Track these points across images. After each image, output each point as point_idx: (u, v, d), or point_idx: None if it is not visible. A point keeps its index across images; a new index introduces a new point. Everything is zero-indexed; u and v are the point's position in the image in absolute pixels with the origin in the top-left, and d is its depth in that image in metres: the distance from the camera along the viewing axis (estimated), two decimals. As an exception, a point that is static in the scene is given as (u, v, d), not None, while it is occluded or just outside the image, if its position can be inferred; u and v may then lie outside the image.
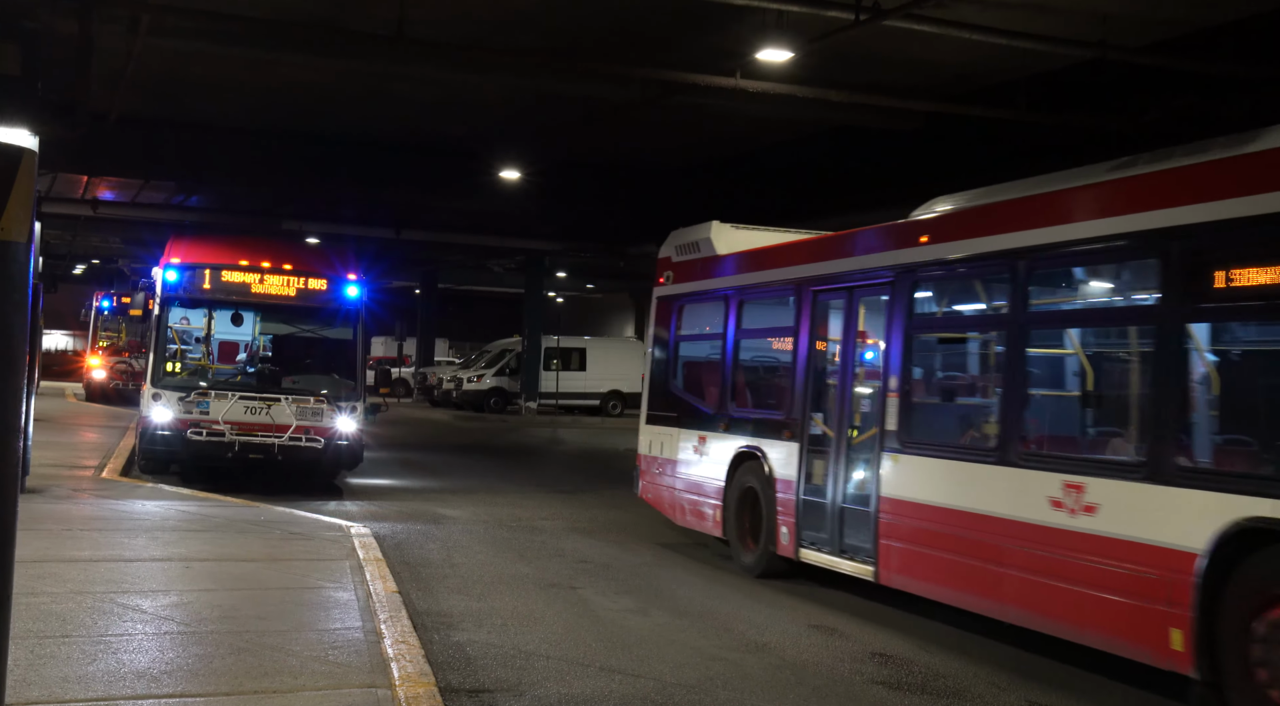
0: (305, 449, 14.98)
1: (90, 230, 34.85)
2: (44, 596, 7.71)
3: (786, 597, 9.97)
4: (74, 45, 13.02)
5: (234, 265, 15.61)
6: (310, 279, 15.78)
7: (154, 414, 14.70)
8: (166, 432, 14.72)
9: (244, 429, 14.78)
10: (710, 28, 14.20)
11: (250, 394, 14.99)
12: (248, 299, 15.68)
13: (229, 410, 14.76)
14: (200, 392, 14.83)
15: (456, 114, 20.03)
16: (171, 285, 15.35)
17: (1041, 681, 7.72)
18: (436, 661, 7.02)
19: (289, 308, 15.90)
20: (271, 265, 15.71)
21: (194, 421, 14.68)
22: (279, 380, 15.62)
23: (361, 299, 15.93)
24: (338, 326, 16.04)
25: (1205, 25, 13.70)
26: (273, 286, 15.62)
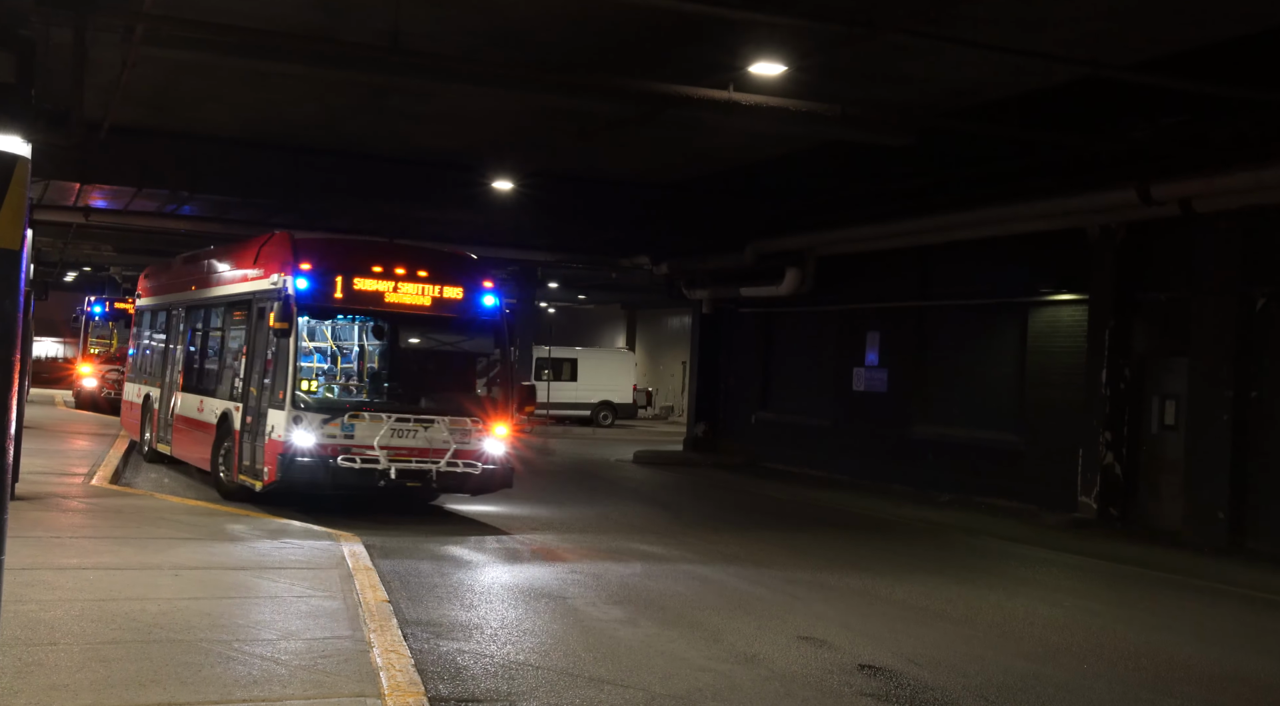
0: (462, 475, 13.95)
1: (82, 238, 34.77)
2: (32, 604, 7.70)
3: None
4: (68, 54, 13.03)
5: (367, 272, 14.27)
6: (447, 286, 14.56)
7: (295, 439, 13.33)
8: (307, 460, 13.37)
9: (398, 454, 13.63)
10: (704, 41, 14.24)
11: (405, 415, 13.75)
12: (384, 309, 14.32)
13: (383, 434, 13.56)
14: (353, 415, 13.61)
15: (451, 126, 20.04)
16: (304, 294, 13.84)
17: (1030, 694, 7.74)
18: (426, 671, 7.02)
19: (428, 318, 14.63)
20: (406, 272, 14.41)
21: (342, 447, 13.44)
22: (424, 399, 14.38)
23: (501, 307, 14.83)
24: (480, 338, 14.98)
25: (1196, 45, 13.77)
26: (408, 295, 14.34)
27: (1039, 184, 18.68)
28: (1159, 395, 17.79)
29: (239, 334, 16.09)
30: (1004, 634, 9.78)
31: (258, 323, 14.82)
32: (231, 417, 15.13)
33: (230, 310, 16.51)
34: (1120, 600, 11.97)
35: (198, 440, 16.58)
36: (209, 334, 17.72)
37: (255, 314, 14.96)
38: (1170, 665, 9.00)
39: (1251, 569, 14.56)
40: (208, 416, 16.23)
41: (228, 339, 16.64)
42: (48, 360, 51.57)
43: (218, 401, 15.94)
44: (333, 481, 13.57)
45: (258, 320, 14.87)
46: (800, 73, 14.06)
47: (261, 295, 14.90)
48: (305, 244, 14.56)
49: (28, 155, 4.38)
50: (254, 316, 14.98)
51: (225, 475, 15.17)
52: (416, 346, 15.26)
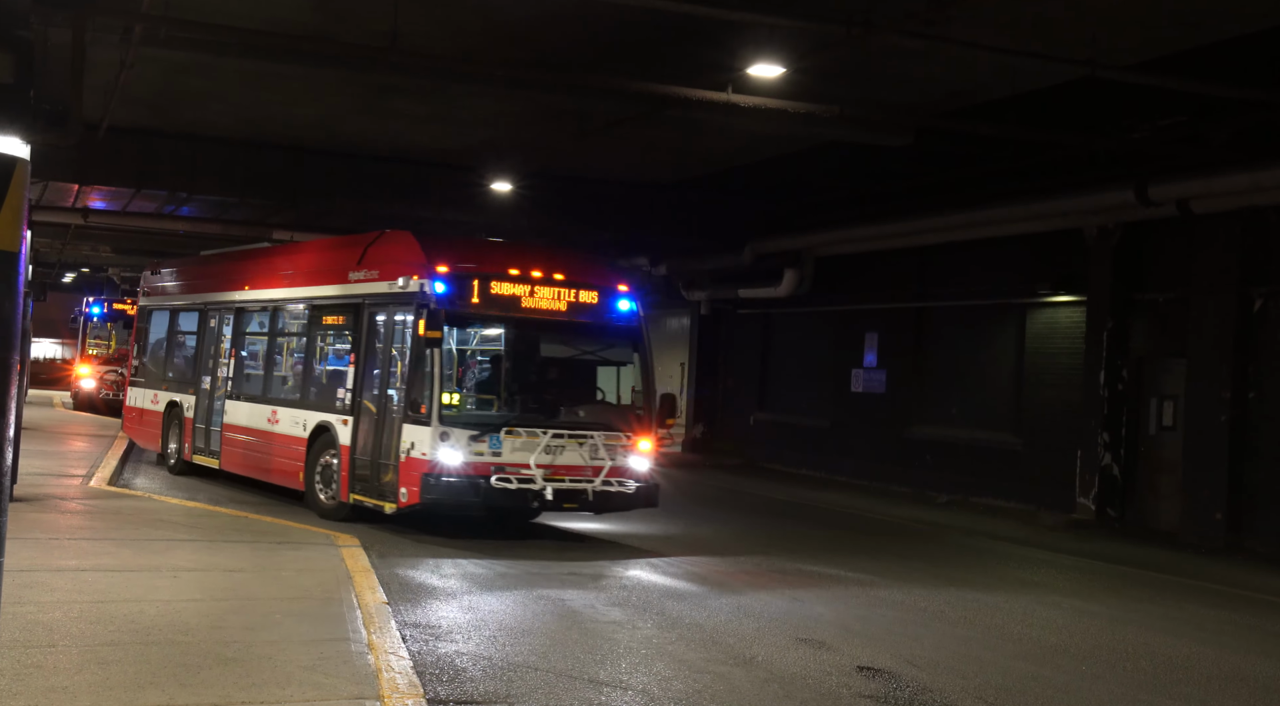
0: (617, 494, 12.93)
1: (80, 239, 34.76)
2: (31, 605, 7.69)
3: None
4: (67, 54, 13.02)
5: (504, 274, 13.12)
6: (584, 289, 13.46)
7: (442, 457, 12.21)
8: (456, 480, 12.25)
9: (554, 473, 12.57)
10: (703, 42, 14.25)
11: (561, 431, 12.69)
12: (523, 314, 13.16)
13: (540, 452, 12.52)
14: (508, 431, 12.49)
15: (449, 127, 20.04)
16: (443, 299, 12.61)
17: (1028, 696, 7.74)
18: (425, 672, 7.02)
19: (568, 324, 13.50)
20: (543, 274, 13.30)
21: (495, 466, 12.37)
22: (576, 413, 13.38)
23: (639, 311, 13.83)
24: (620, 345, 13.91)
25: (1194, 45, 13.79)
26: (544, 299, 13.22)
27: (1037, 184, 18.70)
28: (1157, 396, 17.81)
29: (336, 340, 15.05)
30: (1002, 635, 9.79)
31: (370, 328, 13.68)
32: (335, 431, 13.85)
33: (318, 313, 15.18)
34: (1119, 601, 11.97)
35: (275, 454, 15.22)
36: (281, 338, 16.38)
37: (366, 319, 13.76)
38: (1169, 665, 9.01)
39: (1249, 569, 14.57)
40: (291, 429, 14.84)
41: (318, 345, 15.39)
42: (46, 361, 51.56)
43: (308, 413, 14.61)
44: (483, 503, 12.57)
45: (370, 325, 13.69)
46: (798, 74, 14.06)
47: (376, 299, 13.69)
48: (435, 244, 13.42)
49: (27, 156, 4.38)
50: (364, 321, 13.77)
51: (327, 493, 13.94)
52: (558, 355, 14.15)
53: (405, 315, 13.18)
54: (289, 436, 14.90)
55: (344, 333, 14.64)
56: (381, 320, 13.64)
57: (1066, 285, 19.12)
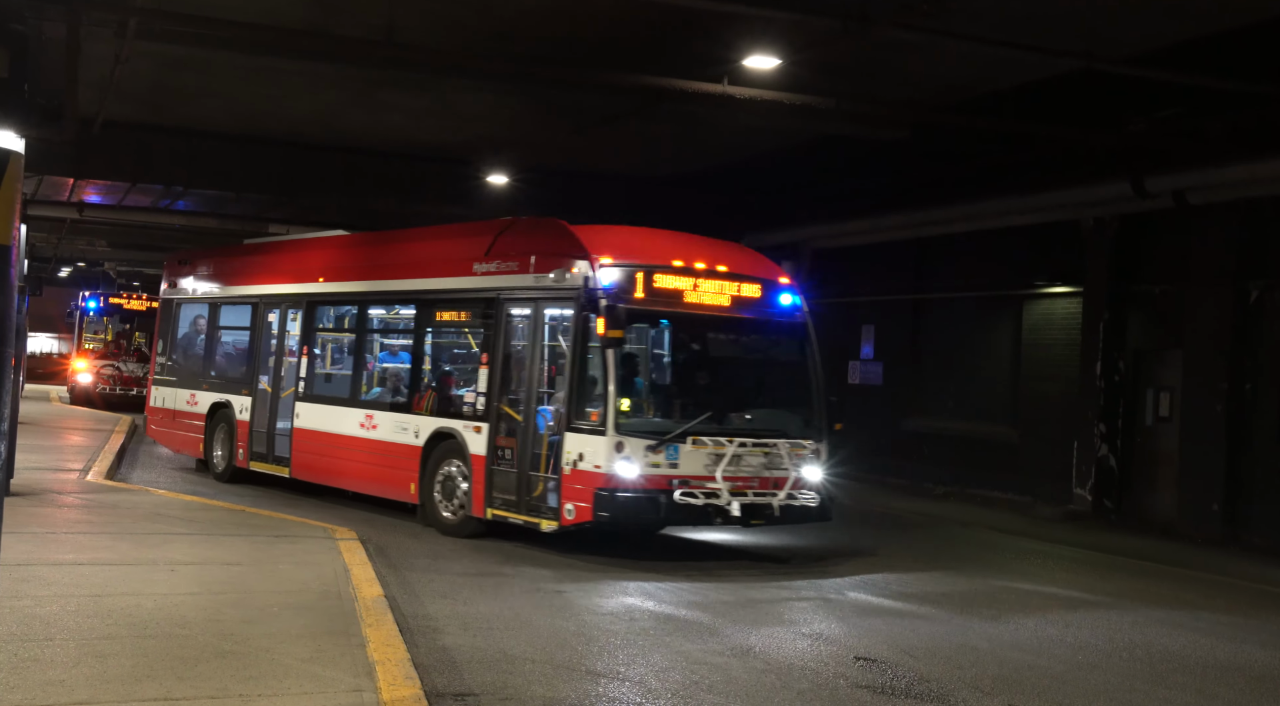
0: (802, 508, 11.87)
1: (76, 233, 34.72)
2: (28, 599, 7.70)
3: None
4: (61, 48, 13.00)
5: (668, 266, 12.01)
6: (747, 283, 12.42)
7: (619, 470, 11.04)
8: (633, 495, 11.09)
9: (740, 486, 11.50)
10: (699, 35, 14.23)
11: (745, 440, 11.60)
12: (689, 310, 12.04)
13: (727, 463, 11.41)
14: (695, 441, 11.37)
15: (445, 121, 20.01)
16: (610, 294, 11.41)
17: (1025, 686, 7.76)
18: (422, 665, 7.03)
19: (736, 322, 12.49)
20: (707, 266, 12.21)
21: (675, 479, 11.24)
22: (757, 420, 12.25)
23: (804, 307, 12.79)
24: (787, 344, 12.86)
25: (1191, 38, 13.79)
26: (709, 293, 12.12)
27: (1034, 177, 18.71)
28: (1153, 387, 17.83)
29: (458, 338, 14.07)
30: (999, 625, 9.80)
31: (507, 325, 12.53)
32: (461, 439, 12.62)
33: (430, 308, 13.96)
34: (1115, 591, 12.00)
35: (373, 462, 14.04)
36: (376, 335, 15.45)
37: (502, 315, 12.54)
38: (1165, 655, 9.03)
39: (1245, 560, 14.61)
40: (396, 435, 13.66)
41: (431, 343, 14.28)
42: (43, 356, 51.53)
43: (420, 418, 13.39)
44: (664, 520, 11.64)
45: (506, 322, 12.53)
46: (795, 66, 14.05)
47: (517, 293, 12.46)
48: (591, 233, 12.26)
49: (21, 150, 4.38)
50: (500, 318, 12.55)
51: (449, 507, 12.84)
52: (728, 355, 13.13)
53: (558, 311, 12.13)
54: (394, 444, 13.68)
55: (469, 330, 13.63)
56: (523, 316, 12.51)
57: (1063, 277, 19.14)
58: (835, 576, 11.75)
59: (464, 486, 12.60)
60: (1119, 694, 7.82)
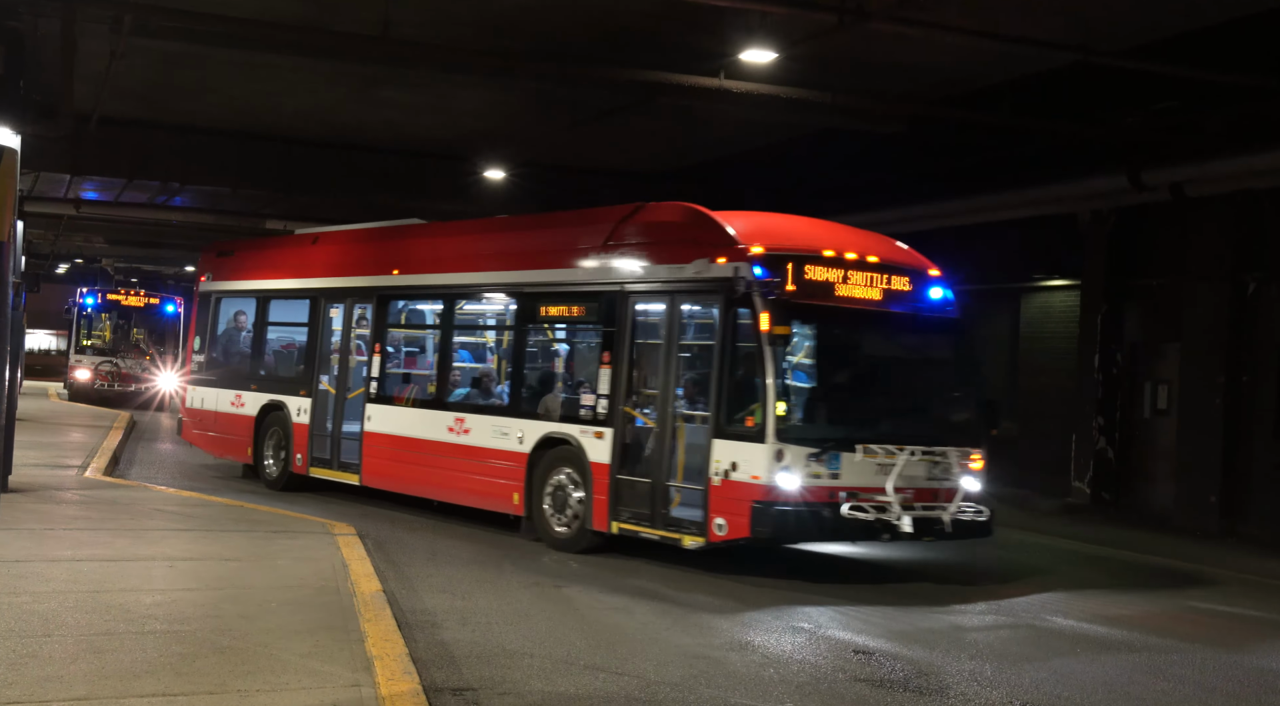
0: (971, 523, 10.81)
1: (74, 229, 34.71)
2: (26, 596, 7.70)
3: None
4: (57, 45, 12.99)
5: (818, 257, 10.85)
6: (896, 275, 11.32)
7: (780, 481, 10.02)
8: (796, 509, 10.07)
9: (911, 499, 10.52)
10: (695, 29, 14.22)
11: (916, 448, 10.55)
12: (843, 305, 10.91)
13: (896, 474, 10.40)
14: (866, 449, 10.32)
15: (442, 117, 20.01)
16: (766, 285, 10.36)
17: (1024, 677, 7.77)
18: (421, 660, 7.04)
19: (891, 317, 11.28)
20: (858, 256, 11.09)
21: (838, 490, 10.22)
22: (923, 426, 11.28)
23: (956, 300, 11.71)
24: (943, 342, 11.77)
25: (1187, 30, 13.79)
26: (859, 286, 10.98)
27: (1031, 170, 18.70)
28: (1151, 380, 17.84)
29: (572, 335, 13.12)
30: (997, 617, 9.82)
31: (633, 321, 11.52)
32: (578, 445, 11.59)
33: (536, 303, 12.77)
34: (1112, 585, 12.01)
35: (465, 470, 12.96)
36: (467, 332, 14.63)
37: (628, 310, 11.49)
38: (1163, 649, 9.04)
39: (1243, 553, 14.62)
40: (494, 441, 12.61)
41: (537, 341, 13.28)
42: (41, 352, 51.50)
43: (524, 422, 12.32)
44: (827, 536, 10.80)
45: (633, 318, 11.51)
46: (791, 60, 14.05)
47: (647, 286, 11.47)
48: (731, 219, 11.21)
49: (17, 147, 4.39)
50: (625, 313, 11.49)
51: (561, 519, 11.84)
52: (884, 354, 11.92)
53: (700, 306, 11.24)
54: (492, 450, 12.63)
55: (584, 326, 12.61)
56: (653, 312, 11.62)
57: (1060, 270, 19.14)
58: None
59: (577, 496, 11.63)
60: (1118, 685, 7.81)
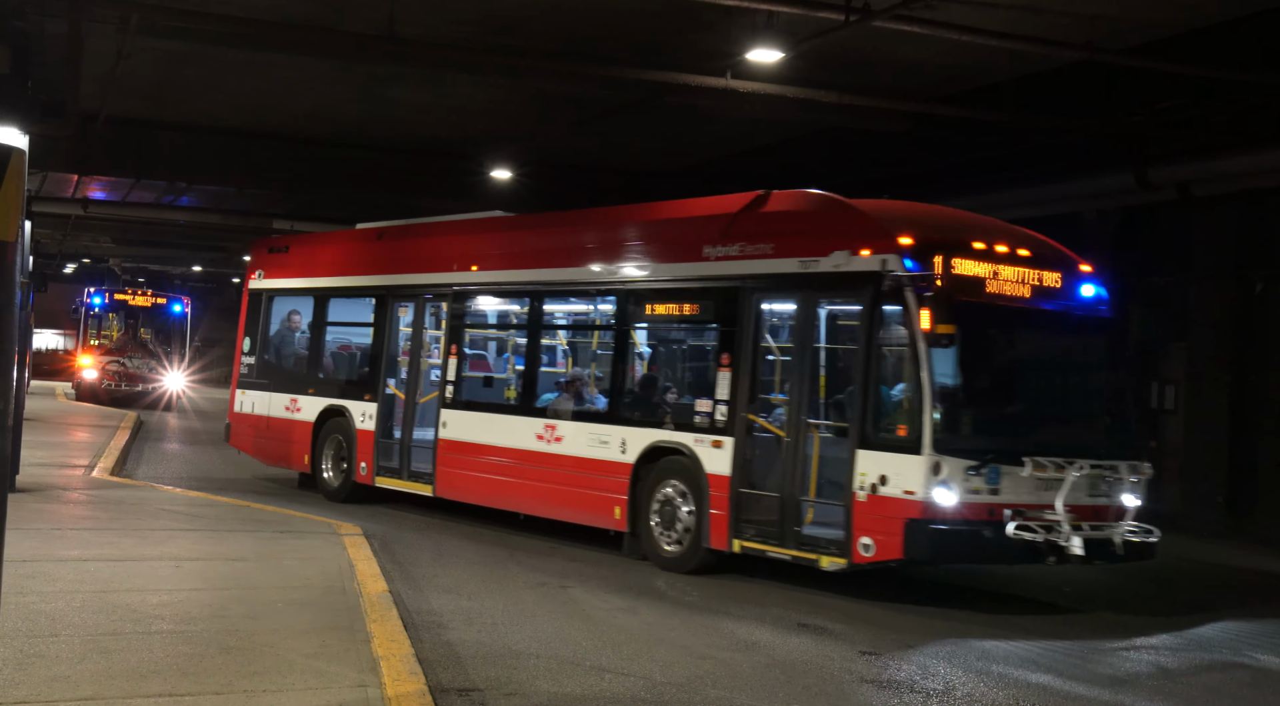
0: (1140, 544, 9.80)
1: (81, 229, 34.79)
2: (33, 595, 7.72)
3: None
4: (64, 45, 13.01)
5: (968, 249, 9.86)
6: (1048, 271, 10.27)
7: (938, 497, 9.11)
8: (956, 527, 9.15)
9: (1081, 517, 9.53)
10: (701, 28, 14.22)
11: (1085, 462, 9.54)
12: (996, 302, 9.92)
13: (1067, 490, 9.39)
14: (1036, 464, 9.31)
15: (447, 116, 20.02)
16: (920, 280, 9.38)
17: (1030, 679, 7.76)
18: (427, 660, 7.04)
19: (1046, 316, 10.29)
20: (1008, 249, 10.11)
21: (1000, 507, 9.26)
22: (1091, 436, 10.43)
23: (1109, 301, 10.67)
24: (1097, 344, 10.81)
25: (1192, 28, 13.76)
26: (1009, 282, 9.96)
27: (1036, 169, 18.67)
28: (1158, 380, 17.81)
29: (682, 336, 12.34)
30: (1004, 617, 9.80)
31: (756, 320, 10.60)
32: (693, 456, 10.69)
33: (641, 301, 11.88)
34: (1117, 585, 12.00)
35: (559, 481, 12.05)
36: (558, 332, 13.78)
37: (750, 308, 10.57)
38: (1168, 648, 9.02)
39: (1250, 553, 14.59)
40: (593, 450, 11.69)
41: (641, 342, 12.31)
42: (48, 352, 51.62)
43: (628, 430, 11.42)
44: (989, 558, 9.77)
45: (756, 317, 10.59)
46: (797, 59, 14.04)
47: (773, 282, 10.50)
48: (874, 208, 10.51)
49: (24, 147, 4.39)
50: (746, 311, 10.57)
51: (669, 537, 10.97)
52: (1038, 357, 10.86)
53: (838, 303, 10.42)
54: (589, 460, 11.74)
55: (697, 326, 11.77)
56: (781, 309, 10.86)
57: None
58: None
59: (687, 511, 10.78)
60: (1125, 680, 7.80)
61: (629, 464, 11.32)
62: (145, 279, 43.48)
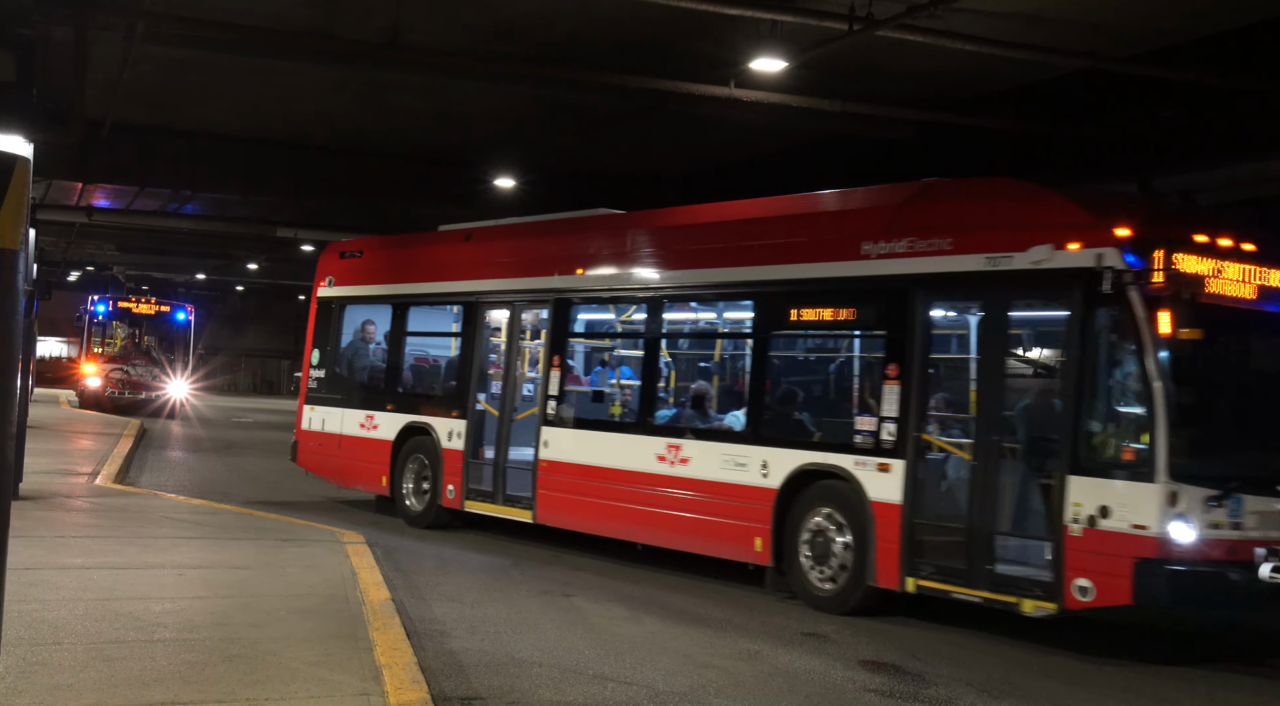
0: None
1: (85, 237, 34.86)
2: (36, 603, 7.71)
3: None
4: (69, 52, 13.05)
5: (1188, 243, 8.55)
6: (1276, 269, 8.90)
7: (1174, 531, 7.92)
8: (1193, 569, 7.95)
9: None
10: (705, 37, 14.26)
11: None
12: (1228, 305, 8.64)
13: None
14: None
15: (450, 123, 20.07)
16: (1143, 277, 8.19)
17: (1032, 690, 7.74)
18: (429, 669, 7.03)
19: (1268, 319, 8.92)
20: (1232, 244, 8.76)
21: (1261, 545, 8.12)
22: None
23: None
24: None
25: (1196, 36, 13.78)
26: (1231, 282, 8.66)
27: (1040, 178, 18.63)
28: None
29: (829, 344, 11.12)
30: (1009, 627, 9.77)
31: (924, 326, 9.33)
32: (855, 483, 9.40)
33: (780, 305, 10.53)
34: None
35: (686, 509, 10.74)
36: (679, 341, 12.67)
37: (917, 312, 9.28)
38: (1176, 655, 8.99)
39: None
40: (731, 474, 10.38)
41: (778, 352, 11.09)
42: (52, 360, 51.68)
43: (769, 450, 10.14)
44: (1238, 606, 8.37)
45: (923, 323, 9.32)
46: (801, 68, 14.07)
47: (950, 281, 9.19)
48: (1078, 196, 9.26)
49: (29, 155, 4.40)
50: (912, 316, 9.28)
51: (826, 574, 9.70)
52: (1261, 367, 9.45)
53: (1036, 305, 9.27)
54: (722, 484, 10.45)
55: (857, 333, 10.57)
56: (961, 313, 9.79)
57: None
58: None
59: (843, 542, 9.56)
60: (1128, 693, 7.77)
61: (772, 489, 10.02)
62: (149, 287, 43.57)
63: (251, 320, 60.57)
